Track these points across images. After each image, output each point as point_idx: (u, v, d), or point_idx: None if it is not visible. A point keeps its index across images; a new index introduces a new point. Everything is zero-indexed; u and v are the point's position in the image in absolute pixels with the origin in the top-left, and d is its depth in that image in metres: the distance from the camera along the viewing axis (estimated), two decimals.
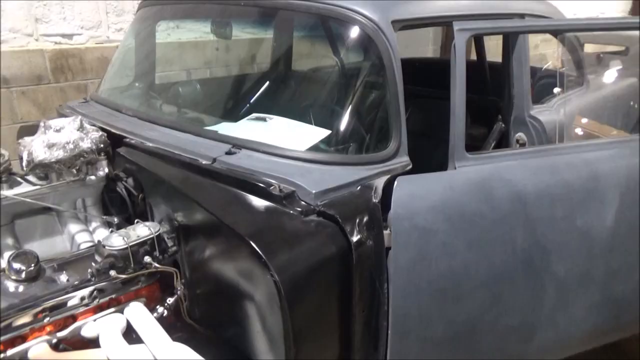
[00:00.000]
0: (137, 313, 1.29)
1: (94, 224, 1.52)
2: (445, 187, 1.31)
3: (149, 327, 1.25)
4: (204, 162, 1.31)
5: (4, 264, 1.29)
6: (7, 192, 1.32)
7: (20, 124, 2.87)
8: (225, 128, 1.50)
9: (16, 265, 1.22)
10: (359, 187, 1.27)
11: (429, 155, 1.57)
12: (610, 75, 2.50)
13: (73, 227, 1.48)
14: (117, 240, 1.26)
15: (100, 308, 1.32)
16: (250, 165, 1.29)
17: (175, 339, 1.26)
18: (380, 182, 1.29)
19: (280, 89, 1.76)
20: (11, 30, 2.72)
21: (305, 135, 1.43)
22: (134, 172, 1.46)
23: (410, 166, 1.37)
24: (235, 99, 1.80)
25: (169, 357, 1.16)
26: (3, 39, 2.69)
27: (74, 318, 1.29)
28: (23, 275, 1.23)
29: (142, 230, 1.31)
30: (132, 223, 1.54)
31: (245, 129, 1.48)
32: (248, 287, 1.19)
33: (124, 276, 1.25)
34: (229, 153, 1.34)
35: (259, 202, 1.22)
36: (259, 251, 1.08)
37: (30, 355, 1.20)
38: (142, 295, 1.39)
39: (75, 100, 2.00)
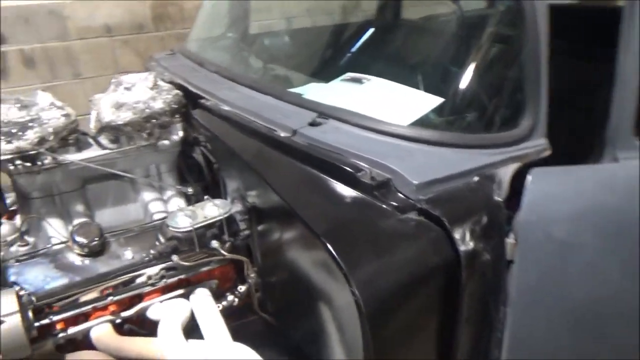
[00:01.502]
0: (202, 303, 1.14)
1: (168, 193, 1.38)
2: (602, 186, 0.95)
3: (210, 322, 1.10)
4: (282, 133, 1.08)
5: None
6: (74, 157, 1.21)
7: (124, 73, 2.88)
8: (313, 91, 1.25)
9: (79, 239, 1.12)
10: (476, 179, 0.96)
11: (565, 133, 1.19)
12: None
13: (146, 195, 1.35)
14: (182, 221, 1.10)
15: (168, 288, 1.20)
16: (336, 141, 1.03)
17: (243, 331, 1.11)
18: (506, 173, 0.97)
19: (384, 43, 1.45)
20: None
21: (410, 104, 1.13)
22: (208, 139, 1.28)
23: (549, 152, 1.02)
24: (329, 54, 1.52)
25: (226, 358, 1.01)
26: None
27: (140, 297, 1.18)
28: (87, 250, 1.13)
29: (210, 210, 1.14)
30: (209, 193, 1.39)
31: (335, 92, 1.22)
32: (325, 293, 0.97)
33: (186, 264, 1.10)
34: (312, 124, 1.09)
35: (343, 191, 0.97)
36: (338, 259, 0.84)
37: (92, 334, 1.12)
38: (214, 276, 1.25)
39: (163, 52, 1.86)
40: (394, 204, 0.93)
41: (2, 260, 1.12)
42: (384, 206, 0.94)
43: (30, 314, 1.00)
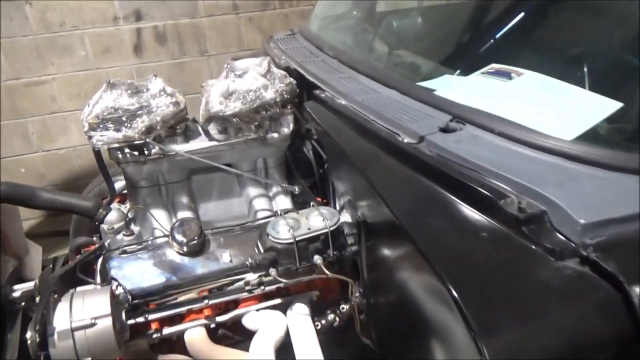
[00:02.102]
0: (299, 323, 1.03)
1: (274, 189, 1.28)
2: None
3: (305, 346, 0.98)
4: (405, 139, 0.89)
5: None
6: (181, 147, 1.15)
7: (247, 50, 2.86)
8: (447, 86, 1.03)
9: (179, 237, 1.06)
10: None
11: None
12: None
13: (252, 191, 1.26)
14: (284, 231, 0.98)
15: (266, 296, 1.11)
16: (473, 154, 0.82)
17: (339, 353, 0.99)
18: None
19: (542, 25, 1.16)
20: None
21: (577, 109, 0.87)
22: (320, 135, 1.14)
23: None
24: (469, 39, 1.26)
25: None
26: None
27: (236, 303, 1.10)
28: (185, 248, 1.06)
29: (315, 221, 1.00)
30: (317, 192, 1.26)
31: (475, 89, 0.99)
32: (447, 342, 0.78)
33: (284, 280, 0.98)
34: (444, 130, 0.88)
35: (478, 221, 0.77)
36: (469, 318, 0.65)
37: (186, 337, 1.06)
38: (315, 287, 1.13)
39: (283, 32, 1.75)
40: (548, 246, 0.71)
41: (107, 250, 1.11)
42: (534, 247, 0.72)
43: (123, 315, 0.96)
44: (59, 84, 2.61)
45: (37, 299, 0.91)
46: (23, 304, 1.12)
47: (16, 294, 1.14)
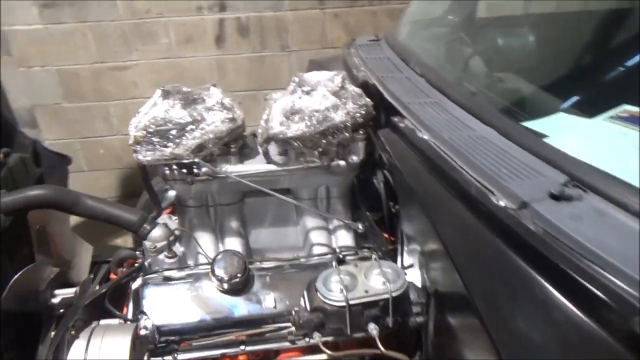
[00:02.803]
0: None
1: (335, 222, 1.12)
2: None
3: None
4: (501, 202, 0.69)
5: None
6: (233, 168, 1.02)
7: (330, 48, 2.71)
8: (563, 129, 0.80)
9: (219, 273, 0.93)
10: None
11: None
12: None
13: (310, 221, 1.11)
14: (336, 289, 0.82)
15: (311, 349, 0.96)
16: (597, 239, 0.60)
17: None
18: None
19: None
20: None
21: None
22: (391, 170, 0.96)
23: None
24: (598, 65, 1.00)
25: None
26: None
27: (276, 353, 0.97)
28: (225, 286, 0.94)
29: (376, 281, 0.83)
30: (384, 226, 1.09)
31: (603, 140, 0.76)
32: None
33: (328, 352, 0.82)
34: (558, 197, 0.67)
35: (589, 331, 0.56)
36: None
37: None
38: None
39: (366, 36, 1.57)
40: None
41: (145, 272, 1.01)
42: None
43: (146, 357, 0.85)
44: (142, 70, 2.62)
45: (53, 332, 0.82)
46: (62, 310, 1.07)
47: (56, 300, 1.09)
